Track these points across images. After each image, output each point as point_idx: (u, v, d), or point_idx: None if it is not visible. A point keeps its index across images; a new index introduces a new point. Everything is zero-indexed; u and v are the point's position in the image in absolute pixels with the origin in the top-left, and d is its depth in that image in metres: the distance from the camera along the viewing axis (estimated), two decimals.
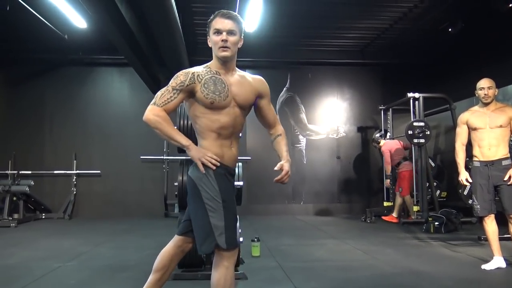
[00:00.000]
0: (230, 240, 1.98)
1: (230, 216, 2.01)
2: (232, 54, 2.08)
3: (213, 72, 2.07)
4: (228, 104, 2.05)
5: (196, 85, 2.02)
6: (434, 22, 7.00)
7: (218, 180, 2.02)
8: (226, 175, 2.07)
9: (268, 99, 2.27)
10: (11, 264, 4.05)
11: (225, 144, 2.08)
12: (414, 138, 6.64)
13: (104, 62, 8.54)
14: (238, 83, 2.11)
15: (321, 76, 8.94)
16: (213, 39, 2.07)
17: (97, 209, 8.18)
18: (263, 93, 2.22)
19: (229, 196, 2.05)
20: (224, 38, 2.03)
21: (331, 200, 8.70)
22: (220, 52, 2.05)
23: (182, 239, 2.22)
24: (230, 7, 6.32)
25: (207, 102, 2.01)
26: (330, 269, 3.86)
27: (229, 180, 2.09)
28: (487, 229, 3.81)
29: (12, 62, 8.38)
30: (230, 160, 2.10)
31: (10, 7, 6.02)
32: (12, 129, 8.31)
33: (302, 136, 8.83)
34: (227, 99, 2.03)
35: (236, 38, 2.08)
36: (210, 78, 2.04)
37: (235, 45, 2.08)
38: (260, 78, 2.25)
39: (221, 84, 2.04)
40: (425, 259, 4.26)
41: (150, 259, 4.22)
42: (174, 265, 2.26)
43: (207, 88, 2.01)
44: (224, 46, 2.04)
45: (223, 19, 2.06)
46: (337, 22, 7.32)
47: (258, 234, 4.70)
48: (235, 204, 2.09)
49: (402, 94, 7.23)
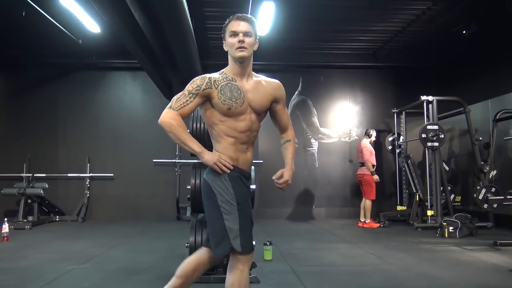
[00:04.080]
0: (245, 243, 1.98)
1: (245, 219, 2.00)
2: (249, 55, 2.08)
3: (229, 79, 2.08)
4: (245, 111, 2.06)
5: (212, 90, 2.03)
6: (448, 25, 6.93)
7: (233, 183, 2.02)
8: (240, 178, 2.07)
9: (283, 104, 2.26)
10: (25, 266, 4.09)
11: (241, 148, 2.08)
12: (428, 142, 6.59)
13: (117, 67, 8.62)
14: (254, 89, 2.11)
15: (333, 79, 8.90)
16: (229, 41, 2.08)
17: (110, 212, 8.24)
18: (279, 97, 2.21)
19: (244, 199, 2.05)
20: (241, 39, 2.04)
21: (344, 204, 8.64)
22: (237, 52, 2.05)
23: (207, 250, 2.20)
24: (242, 11, 6.33)
25: (224, 108, 2.01)
26: (343, 274, 3.82)
27: (244, 183, 2.09)
28: None
29: (27, 67, 8.51)
30: (245, 164, 2.11)
31: (25, 13, 6.12)
32: (27, 133, 8.43)
33: (314, 140, 8.80)
34: (243, 105, 2.04)
35: (252, 39, 2.08)
36: (226, 85, 2.05)
37: (252, 46, 2.09)
38: (277, 82, 2.23)
39: (237, 91, 2.04)
40: (440, 264, 4.20)
41: (163, 262, 4.27)
42: (198, 274, 2.22)
43: (224, 95, 2.02)
44: (241, 47, 2.04)
45: (239, 21, 2.07)
46: (349, 25, 7.30)
47: (270, 238, 4.68)
48: (250, 208, 2.09)
49: (415, 97, 7.17)
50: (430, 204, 6.75)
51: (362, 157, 7.21)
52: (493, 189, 6.33)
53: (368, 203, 7.14)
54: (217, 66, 7.53)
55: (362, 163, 7.26)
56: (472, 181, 7.41)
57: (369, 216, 7.14)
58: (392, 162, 8.61)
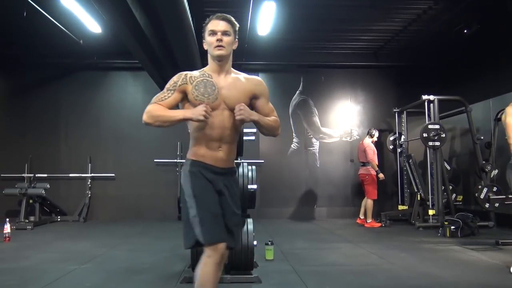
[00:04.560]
0: (207, 235, 1.97)
1: (203, 211, 2.00)
2: (227, 53, 2.11)
3: (206, 75, 2.12)
4: (217, 107, 2.07)
5: (187, 86, 2.08)
6: (449, 24, 6.93)
7: (192, 177, 2.07)
8: (201, 172, 2.07)
9: (265, 99, 2.23)
10: (27, 266, 4.09)
11: (211, 146, 2.09)
12: (429, 141, 6.57)
13: (118, 67, 8.63)
14: (230, 85, 2.12)
15: (334, 79, 8.90)
16: (208, 40, 2.11)
17: (111, 212, 8.25)
18: (259, 93, 2.20)
19: (203, 192, 2.05)
20: (219, 38, 2.07)
21: (345, 204, 8.64)
22: (215, 51, 2.08)
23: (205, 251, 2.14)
24: (243, 11, 6.36)
25: (196, 103, 2.05)
26: (344, 273, 3.82)
27: (205, 178, 2.07)
28: None
29: (29, 67, 8.52)
30: (215, 161, 2.10)
31: (27, 14, 6.13)
32: (28, 133, 8.44)
33: (315, 139, 8.79)
34: (216, 101, 2.06)
35: (231, 38, 2.11)
36: (201, 81, 2.09)
37: (230, 45, 2.11)
38: (256, 78, 2.25)
39: (212, 87, 2.07)
40: (442, 264, 4.19)
41: (164, 262, 4.27)
42: (211, 277, 2.04)
43: (197, 90, 2.06)
44: (219, 45, 2.07)
45: (218, 20, 2.11)
46: (350, 24, 7.29)
47: (271, 238, 4.68)
48: (212, 200, 2.05)
49: (416, 97, 7.17)
50: (432, 204, 6.74)
51: (365, 156, 7.21)
52: (494, 188, 6.32)
53: (370, 202, 7.14)
54: None
55: (364, 163, 7.27)
56: (474, 181, 7.40)
57: (371, 215, 7.14)
58: (393, 161, 8.61)
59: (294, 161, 8.67)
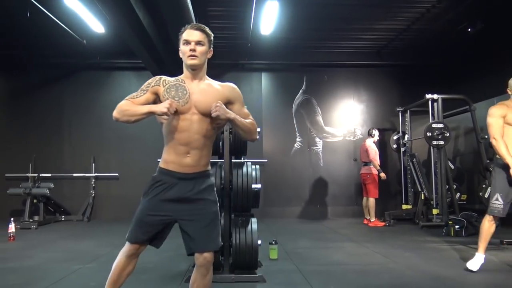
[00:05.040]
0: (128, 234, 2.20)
1: (136, 214, 2.21)
2: (200, 63, 2.15)
3: (179, 80, 2.18)
4: (187, 111, 2.11)
5: (159, 88, 2.15)
6: (453, 22, 6.90)
7: (151, 185, 2.21)
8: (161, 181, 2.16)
9: (239, 104, 2.26)
10: (32, 266, 4.11)
11: (179, 151, 2.13)
12: (433, 140, 6.56)
13: (121, 66, 8.63)
14: (202, 91, 2.16)
15: (338, 78, 8.88)
16: (182, 49, 2.17)
17: (115, 211, 8.26)
18: (233, 98, 2.23)
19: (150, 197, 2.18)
20: (193, 47, 2.12)
21: (348, 203, 8.62)
22: (189, 60, 2.13)
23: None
24: (246, 10, 6.36)
25: None
26: (349, 273, 3.82)
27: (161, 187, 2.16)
28: (489, 229, 3.72)
29: (32, 67, 8.53)
30: (180, 167, 2.14)
31: (30, 14, 6.14)
32: (32, 133, 8.46)
33: (318, 139, 8.78)
34: (186, 105, 2.10)
35: (205, 48, 2.16)
36: (174, 85, 2.15)
37: (203, 54, 2.16)
38: (229, 84, 2.28)
39: (183, 91, 2.13)
40: (447, 263, 4.18)
41: (168, 262, 4.27)
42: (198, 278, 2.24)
43: (168, 93, 2.12)
44: (192, 55, 2.12)
45: (192, 30, 2.15)
46: (353, 23, 7.27)
47: (275, 237, 4.68)
48: (145, 206, 2.20)
49: (420, 96, 7.15)
50: (436, 203, 6.72)
51: (367, 156, 7.20)
52: None
53: (372, 201, 7.14)
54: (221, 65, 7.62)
55: (366, 163, 7.27)
56: (478, 180, 7.38)
57: (374, 215, 7.13)
58: (397, 160, 8.59)
59: (297, 161, 8.66)
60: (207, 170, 2.23)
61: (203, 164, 2.20)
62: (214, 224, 2.17)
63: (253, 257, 3.50)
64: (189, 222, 2.13)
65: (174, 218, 2.15)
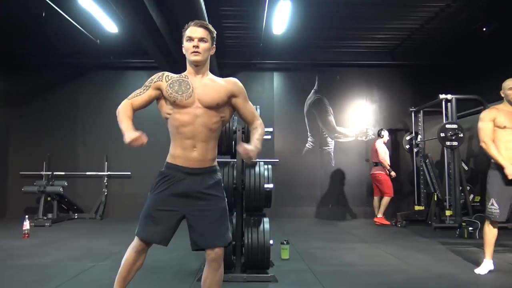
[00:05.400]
0: (137, 229, 2.24)
1: (143, 209, 2.24)
2: (203, 59, 2.20)
3: (182, 76, 2.24)
4: (190, 104, 2.15)
5: (162, 83, 2.21)
6: (468, 22, 6.81)
7: (159, 179, 2.24)
8: (169, 176, 2.20)
9: (243, 98, 2.30)
10: (47, 263, 4.16)
11: (186, 145, 2.17)
12: (447, 141, 6.48)
13: (134, 66, 8.68)
14: (205, 85, 2.21)
15: (350, 78, 8.84)
16: (185, 45, 2.22)
17: (127, 210, 8.29)
18: (236, 92, 2.27)
19: (157, 193, 2.21)
20: (196, 44, 2.17)
21: (360, 204, 8.58)
22: (191, 56, 2.18)
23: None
24: (259, 10, 6.35)
25: (171, 100, 2.17)
26: (361, 274, 3.80)
27: (169, 182, 2.19)
28: (490, 233, 3.73)
29: (46, 67, 8.62)
30: (188, 161, 2.18)
31: (45, 14, 6.21)
32: (46, 132, 8.56)
33: (330, 139, 8.74)
34: (189, 99, 2.15)
35: (207, 45, 2.21)
36: (177, 80, 2.20)
37: (206, 51, 2.21)
38: (232, 79, 2.32)
39: (186, 86, 2.18)
40: (461, 265, 4.14)
41: (180, 260, 4.30)
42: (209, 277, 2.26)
43: (171, 88, 2.17)
44: (195, 51, 2.17)
45: (195, 27, 2.20)
46: (366, 23, 7.22)
47: (286, 237, 4.68)
48: (153, 201, 2.21)
49: (433, 96, 7.08)
50: (449, 204, 6.65)
51: (377, 156, 7.22)
52: None
53: (386, 200, 7.21)
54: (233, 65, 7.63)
55: (376, 163, 7.30)
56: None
57: (383, 211, 7.20)
58: (409, 161, 8.52)
59: (309, 161, 8.64)
60: (214, 165, 2.26)
61: (210, 158, 2.22)
62: (222, 219, 2.19)
63: (265, 256, 3.51)
64: (197, 218, 2.15)
65: (181, 214, 2.17)
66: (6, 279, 3.58)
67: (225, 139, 3.63)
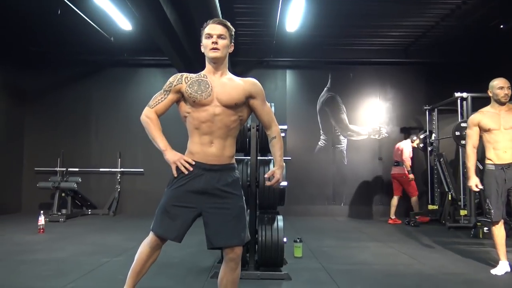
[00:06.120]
0: (153, 224, 2.23)
1: (160, 205, 2.23)
2: (222, 56, 2.20)
3: (201, 76, 2.23)
4: (209, 103, 2.16)
5: (182, 85, 2.20)
6: (484, 19, 6.73)
7: (176, 176, 2.22)
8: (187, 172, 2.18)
9: (261, 100, 2.29)
10: (61, 258, 4.21)
11: (204, 141, 2.18)
12: (462, 140, 6.39)
13: (147, 63, 8.74)
14: (223, 84, 2.21)
15: (363, 75, 8.77)
16: (204, 43, 2.22)
17: (140, 206, 8.37)
18: (254, 93, 2.26)
19: (175, 189, 2.20)
20: (215, 40, 2.17)
21: (373, 202, 8.52)
22: (211, 53, 2.18)
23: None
24: (273, 7, 6.33)
25: (190, 100, 2.17)
26: (375, 273, 3.77)
27: (187, 178, 2.18)
28: (497, 234, 3.75)
29: (61, 64, 8.71)
30: (206, 157, 2.18)
31: (60, 12, 6.27)
32: (60, 128, 8.66)
33: (343, 137, 8.70)
34: (208, 98, 2.15)
35: (226, 42, 2.21)
36: (196, 81, 2.20)
37: (225, 48, 2.21)
38: (251, 79, 2.31)
39: (205, 85, 2.18)
40: (476, 265, 4.09)
41: (193, 257, 4.31)
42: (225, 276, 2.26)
43: (191, 88, 2.17)
44: (214, 48, 2.17)
45: (214, 24, 2.21)
46: (380, 20, 7.17)
47: (299, 235, 4.67)
48: (165, 194, 2.24)
49: (447, 94, 7.01)
50: (463, 204, 6.58)
51: (400, 155, 7.27)
52: None
53: (414, 200, 7.30)
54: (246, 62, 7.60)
55: (398, 162, 7.28)
56: None
57: (417, 210, 7.30)
58: (423, 160, 8.44)
59: (321, 159, 8.60)
60: (232, 163, 2.26)
61: (228, 155, 2.22)
62: (239, 218, 2.17)
63: (279, 254, 3.50)
64: (214, 215, 2.14)
65: (198, 211, 2.16)
66: (23, 272, 3.63)
67: (240, 136, 3.62)
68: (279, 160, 2.31)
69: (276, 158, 2.33)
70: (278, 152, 2.33)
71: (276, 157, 2.33)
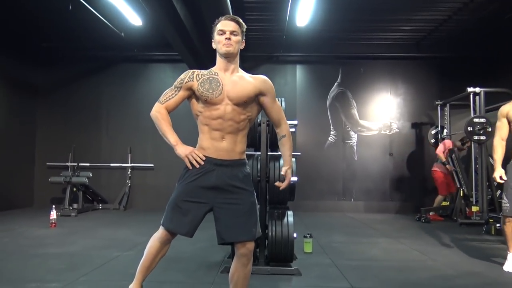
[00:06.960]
0: (163, 219, 2.25)
1: (170, 200, 2.24)
2: (234, 51, 2.20)
3: (212, 73, 2.23)
4: (220, 102, 2.17)
5: (194, 83, 2.21)
6: (498, 12, 6.61)
7: (187, 171, 2.23)
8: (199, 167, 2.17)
9: (271, 98, 2.30)
10: (73, 252, 4.25)
11: (215, 136, 2.18)
12: (474, 135, 6.33)
13: (157, 59, 8.76)
14: (234, 82, 2.21)
15: (374, 70, 8.70)
16: (217, 39, 2.22)
17: (150, 201, 8.42)
18: (265, 90, 2.26)
19: (186, 184, 2.20)
20: (228, 36, 2.18)
21: (383, 198, 8.47)
22: (223, 48, 2.18)
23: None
24: (282, 2, 6.30)
25: (202, 99, 2.18)
26: (386, 269, 3.75)
27: (198, 174, 2.18)
28: (509, 228, 3.66)
29: (72, 60, 8.78)
30: (217, 152, 2.19)
31: (71, 7, 6.30)
32: (72, 124, 8.73)
33: (353, 132, 8.64)
34: (219, 96, 2.16)
35: (238, 38, 2.22)
36: (207, 78, 2.20)
37: (237, 43, 2.21)
38: (262, 76, 2.31)
39: (216, 83, 2.18)
40: (489, 262, 4.04)
41: (203, 252, 4.32)
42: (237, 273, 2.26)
43: (202, 87, 2.18)
44: (227, 43, 2.18)
45: (227, 21, 2.22)
46: (391, 14, 7.08)
47: (309, 230, 4.65)
48: (181, 192, 2.21)
49: (460, 89, 6.92)
50: (475, 200, 6.50)
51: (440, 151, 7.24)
52: None
53: (439, 198, 7.22)
54: (256, 57, 7.60)
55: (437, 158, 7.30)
56: None
57: (435, 208, 7.21)
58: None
59: (331, 154, 8.57)
60: (243, 158, 2.26)
61: (239, 151, 2.22)
62: (250, 214, 2.17)
63: (289, 249, 3.50)
64: (225, 211, 2.14)
65: (210, 206, 2.16)
66: (36, 266, 3.67)
67: (250, 131, 3.61)
68: (289, 160, 2.34)
69: (285, 157, 2.35)
70: (288, 152, 2.34)
71: (285, 157, 2.35)
